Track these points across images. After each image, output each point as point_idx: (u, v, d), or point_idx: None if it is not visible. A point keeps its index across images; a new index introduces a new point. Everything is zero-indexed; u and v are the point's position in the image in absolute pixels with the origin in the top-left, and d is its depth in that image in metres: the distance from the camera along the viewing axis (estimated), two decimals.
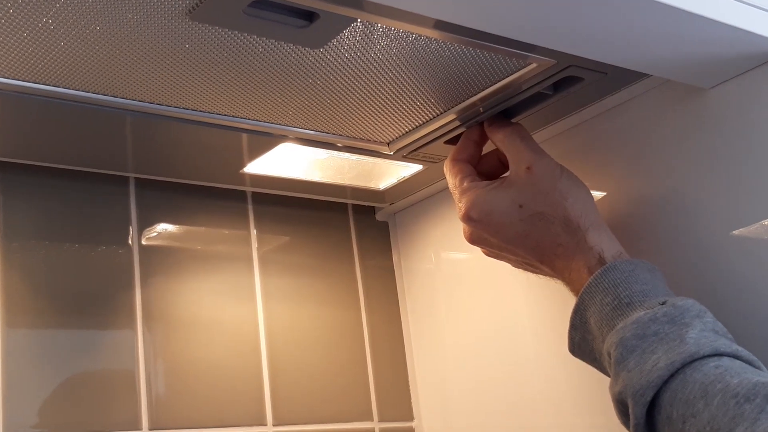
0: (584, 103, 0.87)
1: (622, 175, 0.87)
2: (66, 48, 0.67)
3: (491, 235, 0.81)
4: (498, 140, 0.84)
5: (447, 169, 0.86)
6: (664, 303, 0.70)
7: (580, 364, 0.87)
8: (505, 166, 0.85)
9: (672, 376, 0.64)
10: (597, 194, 0.88)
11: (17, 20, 0.63)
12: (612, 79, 0.80)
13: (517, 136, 0.82)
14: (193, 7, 0.63)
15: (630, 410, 0.66)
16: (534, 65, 0.76)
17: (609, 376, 0.73)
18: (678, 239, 0.82)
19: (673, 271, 0.79)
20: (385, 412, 1.06)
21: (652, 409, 0.65)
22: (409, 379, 1.10)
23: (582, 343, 0.75)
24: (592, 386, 0.88)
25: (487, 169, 0.87)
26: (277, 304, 1.02)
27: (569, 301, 0.79)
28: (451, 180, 0.85)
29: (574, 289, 0.77)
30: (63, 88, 0.73)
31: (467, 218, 0.81)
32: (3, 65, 0.68)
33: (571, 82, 0.80)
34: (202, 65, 0.72)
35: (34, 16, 0.63)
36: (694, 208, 0.81)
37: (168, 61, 0.70)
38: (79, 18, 0.63)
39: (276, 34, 0.67)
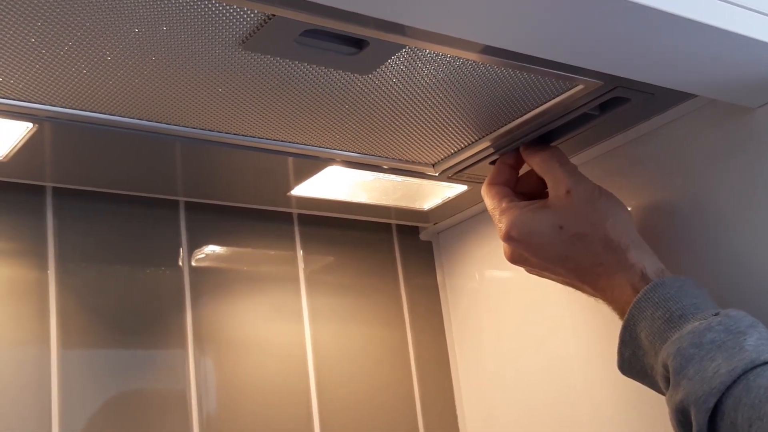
0: (631, 123, 0.87)
1: (668, 194, 0.87)
2: (122, 79, 0.69)
3: (531, 254, 0.82)
4: (535, 164, 0.84)
5: (484, 192, 0.87)
6: (717, 314, 0.70)
7: (626, 381, 0.87)
8: (545, 185, 0.86)
9: (734, 382, 0.65)
10: (637, 212, 0.88)
11: (76, 54, 0.64)
12: (658, 99, 0.81)
13: (555, 161, 0.83)
14: (246, 38, 0.64)
15: (692, 418, 0.66)
16: (581, 87, 0.76)
17: (660, 390, 0.73)
18: (723, 257, 0.82)
19: (716, 289, 0.79)
20: (431, 431, 1.07)
21: (714, 416, 0.65)
22: (455, 397, 1.10)
23: (632, 358, 0.75)
24: (640, 406, 0.88)
25: (527, 189, 0.87)
26: (324, 324, 1.03)
27: (615, 319, 0.79)
28: (490, 202, 0.85)
29: (617, 308, 0.78)
30: (117, 116, 0.75)
31: (508, 237, 0.82)
32: (60, 95, 0.70)
33: (618, 103, 0.80)
34: (252, 92, 0.73)
35: (93, 51, 0.64)
36: (741, 227, 0.81)
37: (219, 89, 0.72)
38: (137, 51, 0.65)
39: (326, 61, 0.68)
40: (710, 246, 0.83)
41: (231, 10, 0.61)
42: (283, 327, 1.01)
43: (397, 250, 1.13)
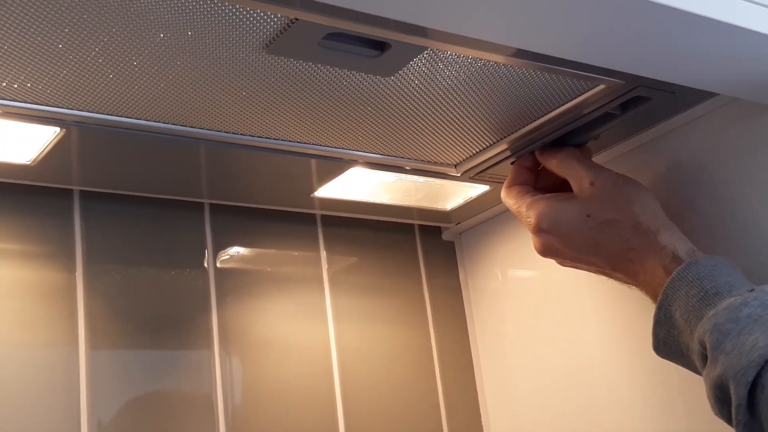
0: (652, 122, 0.87)
1: (689, 193, 0.87)
2: (148, 83, 0.70)
3: (562, 245, 0.82)
4: (554, 166, 0.85)
5: (504, 194, 0.87)
6: (752, 290, 0.70)
7: (651, 377, 0.87)
8: (564, 180, 0.86)
9: None
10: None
11: (102, 59, 0.65)
12: (680, 98, 0.81)
13: (573, 158, 0.83)
14: (270, 41, 0.65)
15: (732, 392, 0.65)
16: (602, 86, 0.77)
17: (696, 369, 0.73)
18: (746, 256, 0.81)
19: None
20: (455, 430, 1.07)
21: (753, 389, 0.64)
22: (479, 396, 1.11)
23: (667, 338, 0.75)
24: (666, 402, 0.88)
25: (547, 184, 0.88)
26: (348, 324, 1.04)
27: (639, 316, 0.79)
28: (513, 201, 0.86)
29: (650, 291, 0.77)
30: (143, 120, 0.76)
31: (538, 229, 0.82)
32: (87, 100, 0.71)
33: (639, 102, 0.80)
34: (276, 95, 0.74)
35: (119, 57, 0.65)
36: (764, 226, 0.81)
37: (243, 92, 0.73)
38: (162, 56, 0.66)
39: (349, 64, 0.69)
40: (732, 244, 0.83)
41: (255, 15, 0.62)
42: (307, 327, 1.01)
43: (420, 251, 1.13)
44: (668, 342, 0.75)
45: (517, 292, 1.07)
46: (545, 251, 0.84)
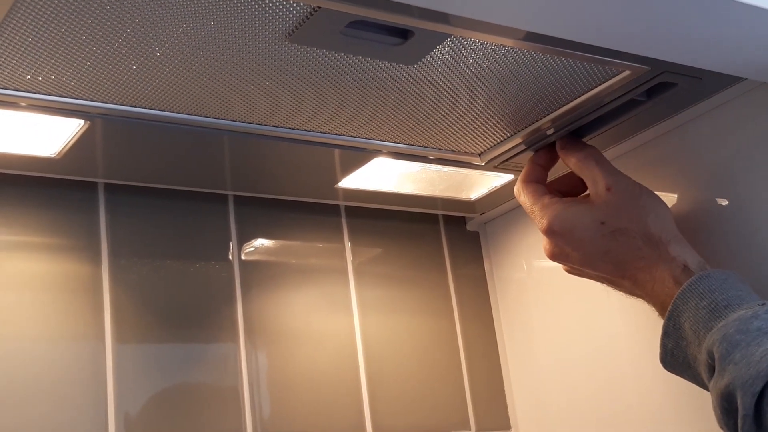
0: (678, 108, 0.86)
1: (717, 180, 0.86)
2: (171, 74, 0.70)
3: (573, 249, 0.82)
4: (572, 164, 0.85)
5: (520, 189, 0.87)
6: (762, 304, 0.70)
7: None
8: (580, 187, 0.86)
9: None
10: (672, 196, 0.88)
11: (125, 51, 0.66)
12: (706, 83, 0.80)
13: (592, 159, 0.83)
14: (292, 30, 0.65)
15: (738, 402, 0.66)
16: (627, 72, 0.76)
17: (701, 383, 0.73)
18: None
19: (759, 279, 0.78)
20: (482, 421, 1.07)
21: (760, 400, 0.64)
22: (505, 387, 1.10)
23: (675, 350, 0.75)
24: (690, 395, 0.88)
25: (565, 188, 0.88)
26: (373, 315, 1.04)
27: None
28: (528, 199, 0.86)
29: (657, 302, 0.78)
30: (166, 111, 0.76)
31: (550, 232, 0.83)
32: (111, 92, 0.72)
33: (665, 88, 0.79)
34: (299, 85, 0.74)
35: (142, 48, 0.65)
36: None
37: (266, 83, 0.73)
38: (185, 47, 0.66)
39: (372, 52, 0.69)
40: (761, 233, 0.82)
41: (277, 4, 0.62)
42: (332, 318, 1.01)
43: (444, 241, 1.13)
44: (675, 353, 0.75)
45: (542, 283, 1.07)
46: (554, 255, 0.84)
